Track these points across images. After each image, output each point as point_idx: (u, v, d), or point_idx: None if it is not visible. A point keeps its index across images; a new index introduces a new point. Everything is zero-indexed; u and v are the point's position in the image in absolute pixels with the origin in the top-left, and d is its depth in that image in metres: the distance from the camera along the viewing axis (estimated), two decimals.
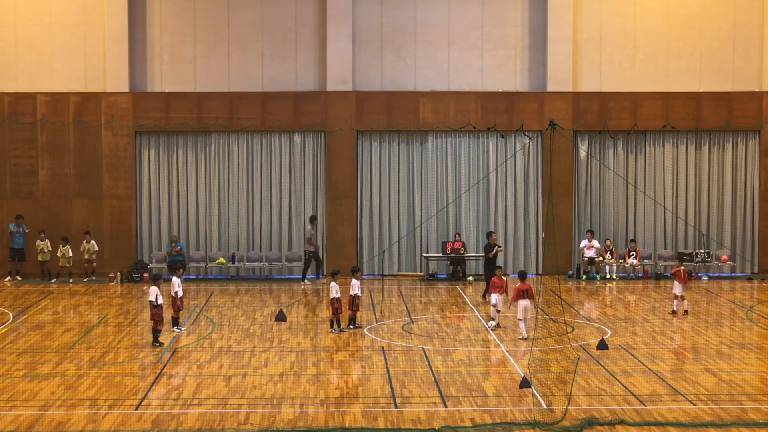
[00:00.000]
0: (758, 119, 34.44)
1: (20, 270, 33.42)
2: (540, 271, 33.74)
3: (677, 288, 26.43)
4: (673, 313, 26.53)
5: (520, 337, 23.23)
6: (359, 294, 24.70)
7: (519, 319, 23.30)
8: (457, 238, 33.72)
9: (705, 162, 34.81)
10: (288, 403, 17.61)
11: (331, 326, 24.27)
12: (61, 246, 32.94)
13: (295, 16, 34.27)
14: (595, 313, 27.37)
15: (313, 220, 33.23)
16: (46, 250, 33.04)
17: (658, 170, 34.73)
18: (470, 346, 22.68)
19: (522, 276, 23.89)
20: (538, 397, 17.70)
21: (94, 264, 33.23)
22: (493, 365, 20.98)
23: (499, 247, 30.28)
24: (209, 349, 22.27)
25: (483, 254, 30.67)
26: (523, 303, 23.02)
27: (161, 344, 22.54)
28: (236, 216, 34.36)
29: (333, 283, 24.33)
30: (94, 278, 33.01)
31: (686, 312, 26.42)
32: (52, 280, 32.94)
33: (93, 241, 33.19)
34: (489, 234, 30.56)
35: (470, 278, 33.28)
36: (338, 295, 24.21)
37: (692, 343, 23.03)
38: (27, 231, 33.23)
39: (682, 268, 26.53)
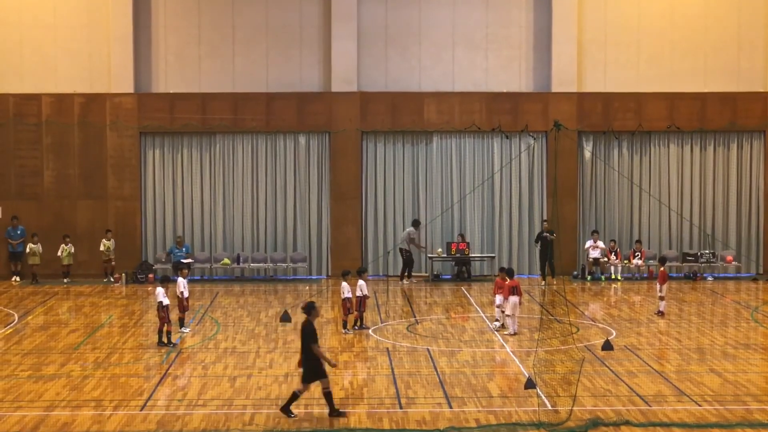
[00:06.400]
0: (763, 120, 34.40)
1: (20, 271, 33.43)
2: (545, 272, 33.68)
3: (662, 289, 26.51)
4: (660, 313, 26.50)
5: (507, 332, 23.56)
6: (367, 294, 24.71)
7: (507, 315, 23.83)
8: (460, 239, 33.71)
9: (710, 162, 34.78)
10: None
11: (344, 327, 24.25)
12: (63, 245, 32.96)
13: (300, 17, 34.28)
14: (599, 313, 27.36)
15: (416, 224, 33.36)
16: (37, 253, 32.97)
17: (662, 171, 34.70)
18: (475, 346, 22.67)
19: (510, 273, 24.40)
20: (543, 397, 17.69)
21: (113, 263, 33.23)
22: (497, 366, 20.98)
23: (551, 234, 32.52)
24: (214, 350, 22.28)
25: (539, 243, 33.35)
26: (513, 299, 23.56)
27: (174, 344, 22.54)
28: (241, 217, 34.37)
29: (344, 284, 24.33)
30: (112, 279, 32.94)
31: (661, 313, 26.39)
32: (65, 281, 32.95)
33: (113, 240, 33.23)
34: (543, 222, 33.06)
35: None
36: (349, 295, 24.22)
37: (697, 343, 23.01)
38: (21, 239, 33.21)
39: (663, 269, 26.65)
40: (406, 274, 33.35)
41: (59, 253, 32.99)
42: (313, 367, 16.80)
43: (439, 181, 34.46)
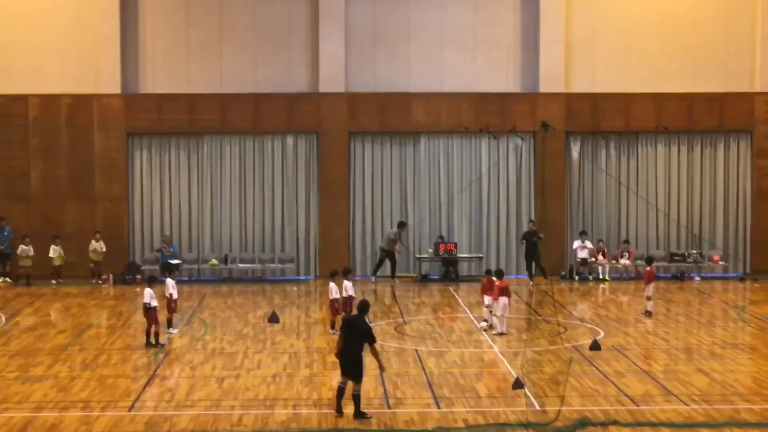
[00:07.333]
0: (750, 120, 34.51)
1: (8, 272, 33.33)
2: (533, 272, 33.67)
3: (649, 289, 26.56)
4: (647, 313, 26.53)
5: (496, 332, 23.67)
6: (353, 295, 24.68)
7: (497, 316, 23.86)
8: (440, 240, 33.72)
9: (697, 163, 34.87)
10: (281, 404, 17.61)
11: (332, 327, 24.17)
12: (53, 246, 32.87)
13: (288, 18, 34.26)
14: (587, 313, 27.40)
15: (401, 225, 33.40)
16: (29, 255, 32.84)
17: (650, 171, 34.77)
18: (463, 347, 22.69)
19: (500, 274, 24.39)
20: (531, 397, 17.71)
21: (100, 265, 33.17)
22: (486, 366, 20.99)
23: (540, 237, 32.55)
24: (202, 351, 22.26)
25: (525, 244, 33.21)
26: (503, 300, 23.60)
27: (162, 345, 22.50)
28: (229, 218, 34.33)
29: (332, 284, 24.28)
30: (101, 281, 32.85)
31: (649, 313, 26.46)
32: (53, 282, 32.86)
33: (102, 241, 33.16)
34: (531, 221, 33.09)
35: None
36: (338, 296, 24.17)
37: (685, 343, 23.06)
38: (8, 241, 33.12)
39: (649, 269, 26.74)
40: (378, 273, 33.48)
41: (50, 254, 32.90)
42: (359, 365, 16.76)
43: (427, 182, 34.47)
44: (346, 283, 24.44)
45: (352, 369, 16.77)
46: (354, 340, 16.91)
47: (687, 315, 27.29)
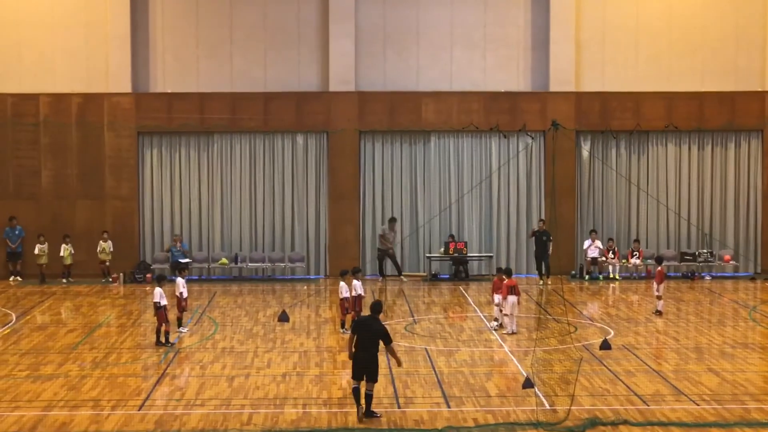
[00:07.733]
0: (761, 119, 34.42)
1: (19, 270, 33.40)
2: (543, 271, 33.64)
3: (659, 288, 26.49)
4: (658, 312, 26.47)
5: (506, 331, 23.64)
6: (363, 294, 24.68)
7: (506, 315, 23.88)
8: (451, 239, 33.71)
9: (708, 162, 34.80)
10: (291, 403, 17.61)
11: (342, 326, 24.18)
12: (64, 245, 32.95)
13: (298, 17, 34.28)
14: (597, 313, 27.36)
15: (392, 221, 33.48)
16: (45, 253, 32.94)
17: (660, 170, 34.72)
18: (473, 346, 22.67)
19: (508, 273, 24.43)
20: (541, 397, 17.69)
21: (108, 264, 33.21)
22: (495, 365, 20.97)
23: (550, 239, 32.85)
24: (212, 350, 22.27)
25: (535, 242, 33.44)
26: (512, 299, 23.63)
27: (172, 344, 22.52)
28: (239, 216, 34.37)
29: (342, 283, 24.29)
30: (110, 280, 32.90)
31: (659, 312, 26.40)
32: (63, 281, 32.94)
33: (110, 241, 33.22)
34: (541, 221, 33.20)
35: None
36: (347, 294, 24.17)
37: (695, 343, 23.01)
38: (19, 239, 33.20)
39: (659, 268, 26.70)
40: (398, 273, 33.52)
41: (61, 253, 32.98)
42: (376, 366, 16.73)
43: (437, 181, 34.46)
44: (356, 283, 24.44)
45: (369, 370, 16.71)
46: (369, 341, 16.84)
47: (697, 314, 27.23)
